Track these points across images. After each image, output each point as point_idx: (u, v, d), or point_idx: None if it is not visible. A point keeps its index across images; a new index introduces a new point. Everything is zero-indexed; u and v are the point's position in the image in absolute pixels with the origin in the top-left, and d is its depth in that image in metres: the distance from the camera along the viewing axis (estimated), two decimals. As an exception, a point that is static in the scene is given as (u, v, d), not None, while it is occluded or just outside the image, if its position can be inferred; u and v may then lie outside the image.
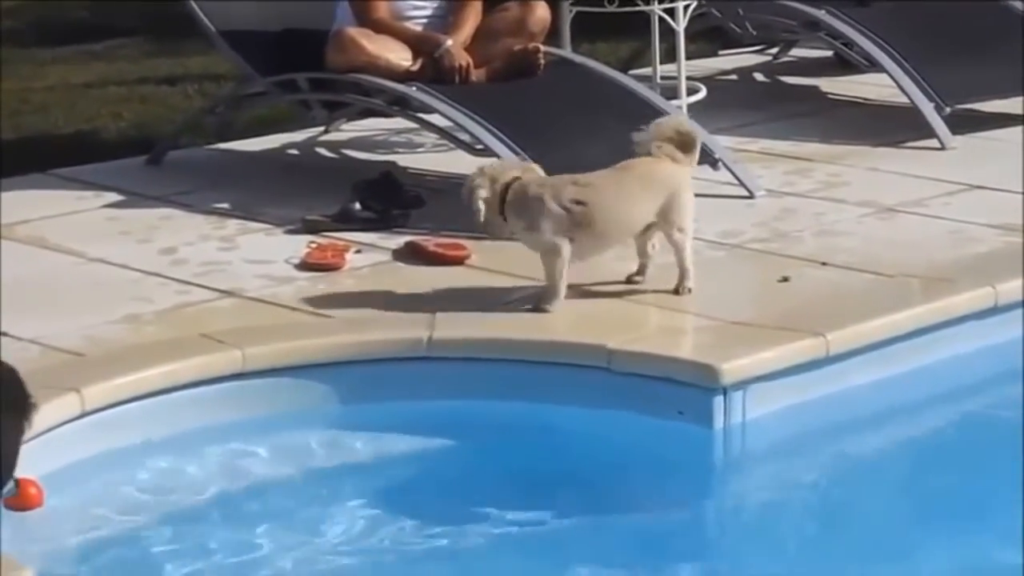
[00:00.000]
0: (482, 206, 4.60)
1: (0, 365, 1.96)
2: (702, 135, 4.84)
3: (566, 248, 4.61)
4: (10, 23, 8.85)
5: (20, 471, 3.86)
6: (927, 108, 6.26)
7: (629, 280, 4.82)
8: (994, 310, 4.74)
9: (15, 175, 6.03)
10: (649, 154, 4.67)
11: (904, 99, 6.36)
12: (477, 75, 5.78)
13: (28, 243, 5.37)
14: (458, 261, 5.09)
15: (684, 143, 4.68)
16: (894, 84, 6.37)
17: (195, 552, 3.84)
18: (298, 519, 3.99)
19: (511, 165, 4.83)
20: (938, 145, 6.20)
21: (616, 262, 5.08)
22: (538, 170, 4.76)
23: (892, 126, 6.40)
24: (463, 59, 5.74)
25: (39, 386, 4.11)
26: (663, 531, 3.99)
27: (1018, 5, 6.75)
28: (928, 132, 6.22)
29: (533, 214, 4.60)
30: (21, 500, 3.85)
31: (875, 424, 4.48)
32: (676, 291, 4.70)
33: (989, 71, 6.46)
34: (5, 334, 4.51)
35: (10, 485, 1.95)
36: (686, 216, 4.66)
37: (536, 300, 4.64)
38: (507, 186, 4.62)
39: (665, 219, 4.65)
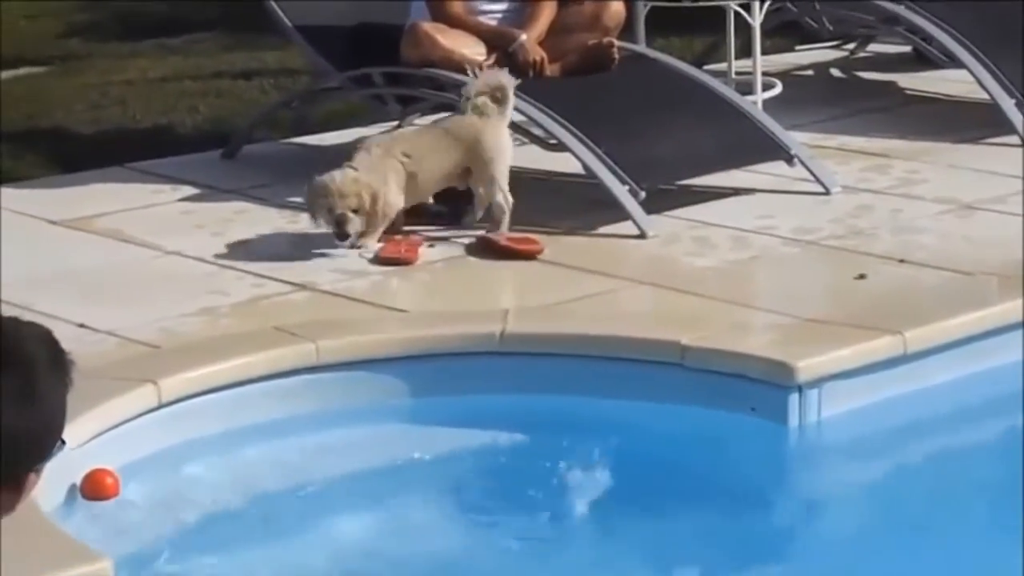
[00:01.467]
0: (358, 225, 4.99)
1: (34, 326, 2.01)
2: (511, 85, 5.23)
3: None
4: (90, 17, 8.94)
5: (97, 461, 3.90)
6: (1007, 104, 6.18)
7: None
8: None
9: (93, 168, 6.09)
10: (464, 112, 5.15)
11: (984, 95, 6.27)
12: (551, 70, 5.77)
13: (105, 236, 5.41)
14: (531, 255, 5.08)
15: (496, 97, 5.15)
16: (973, 79, 6.29)
17: (271, 543, 3.85)
18: (372, 511, 4.00)
19: (336, 181, 5.06)
20: (1018, 141, 6.12)
21: (688, 256, 5.05)
22: (355, 170, 5.12)
23: (971, 122, 6.32)
24: (537, 54, 5.73)
25: (116, 378, 4.16)
26: (735, 528, 3.96)
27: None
28: (1008, 128, 6.14)
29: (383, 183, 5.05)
30: (98, 489, 3.88)
31: (953, 423, 4.43)
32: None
33: (1071, 65, 6.36)
34: (83, 326, 4.55)
35: (59, 444, 2.00)
36: (488, 165, 5.14)
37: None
38: (358, 192, 5.00)
39: (470, 169, 5.15)
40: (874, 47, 7.48)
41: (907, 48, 7.18)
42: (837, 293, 4.80)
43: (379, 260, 5.09)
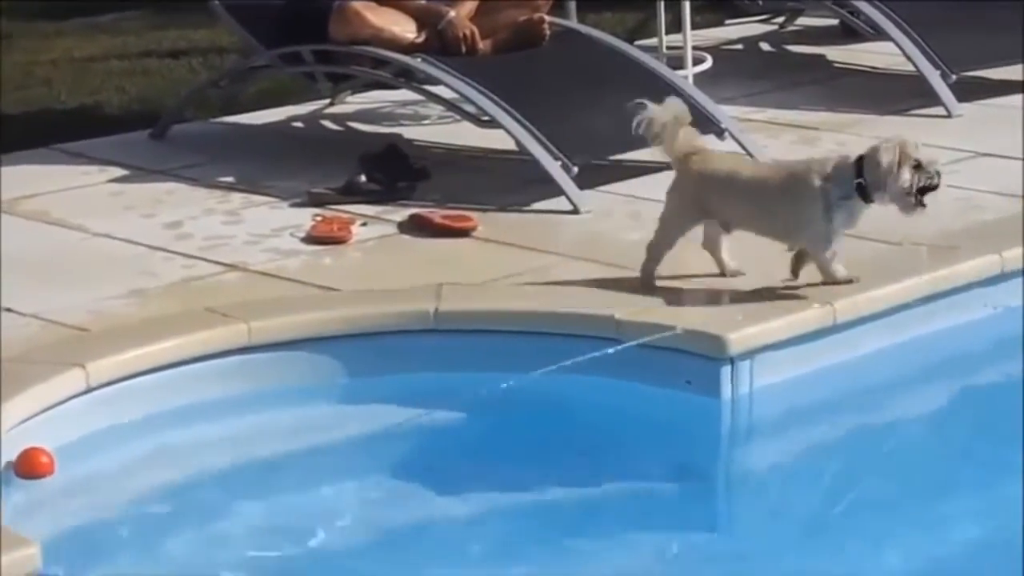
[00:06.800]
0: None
1: None
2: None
3: None
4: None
5: (29, 443, 3.87)
6: (933, 76, 6.24)
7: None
8: (1000, 277, 4.73)
9: (19, 150, 6.02)
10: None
11: (910, 67, 6.33)
12: (482, 46, 5.76)
13: (32, 218, 5.36)
14: (464, 232, 5.08)
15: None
16: (900, 52, 6.34)
17: (202, 526, 3.84)
18: (306, 492, 3.99)
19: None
20: (944, 113, 6.18)
21: (621, 231, 5.06)
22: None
23: (898, 94, 6.38)
24: (467, 29, 5.72)
25: (44, 362, 4.13)
26: (670, 501, 3.99)
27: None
28: (934, 100, 6.20)
29: None
30: (32, 467, 3.86)
31: (882, 392, 4.47)
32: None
33: (995, 38, 6.43)
34: (9, 310, 4.50)
35: None
36: None
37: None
38: None
39: None
40: (802, 20, 7.53)
41: (835, 21, 7.23)
42: (768, 265, 4.83)
43: (311, 239, 5.07)
